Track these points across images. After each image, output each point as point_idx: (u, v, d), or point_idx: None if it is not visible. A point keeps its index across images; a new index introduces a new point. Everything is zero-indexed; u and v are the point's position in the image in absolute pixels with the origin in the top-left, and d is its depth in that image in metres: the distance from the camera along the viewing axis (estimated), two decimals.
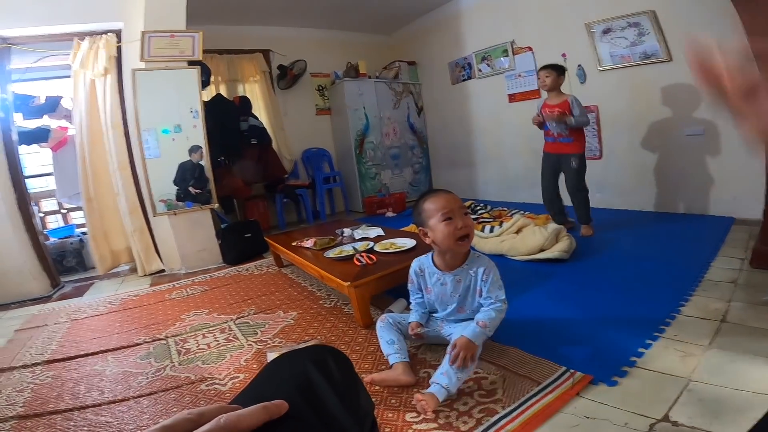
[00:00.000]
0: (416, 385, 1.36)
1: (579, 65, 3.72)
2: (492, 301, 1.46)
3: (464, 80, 5.11)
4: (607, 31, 3.41)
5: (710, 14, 2.81)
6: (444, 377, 1.27)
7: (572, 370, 1.32)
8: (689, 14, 2.93)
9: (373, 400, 1.28)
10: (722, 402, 1.09)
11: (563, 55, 3.81)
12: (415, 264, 1.64)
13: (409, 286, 1.67)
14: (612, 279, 2.07)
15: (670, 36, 3.07)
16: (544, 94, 3.14)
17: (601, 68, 3.56)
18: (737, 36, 2.27)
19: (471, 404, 1.23)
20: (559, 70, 2.97)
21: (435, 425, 1.16)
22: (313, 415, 0.50)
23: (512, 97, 4.46)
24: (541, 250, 2.51)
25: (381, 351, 1.53)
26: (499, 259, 2.60)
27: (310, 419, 0.49)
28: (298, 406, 0.46)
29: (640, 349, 1.41)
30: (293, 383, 0.56)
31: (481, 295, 1.49)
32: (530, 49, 4.18)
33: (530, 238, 2.56)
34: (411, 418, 1.20)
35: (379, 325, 1.59)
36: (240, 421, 0.37)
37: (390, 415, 1.23)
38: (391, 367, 1.43)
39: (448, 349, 1.35)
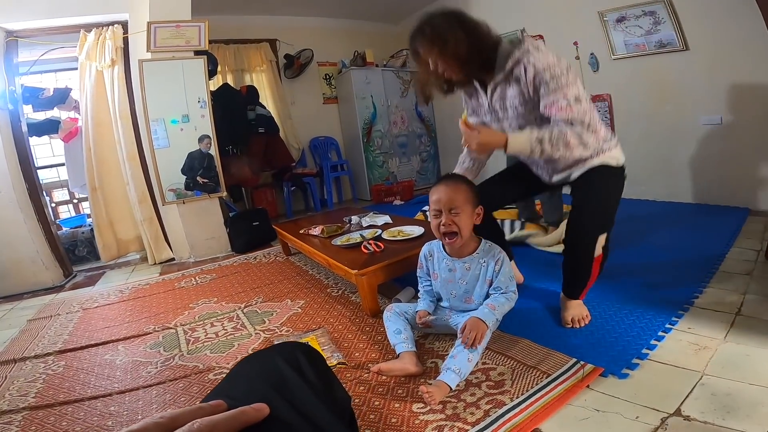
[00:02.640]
0: (423, 375, 1.36)
1: (591, 53, 3.64)
2: (502, 291, 1.47)
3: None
4: (621, 20, 3.32)
5: (728, 2, 2.73)
6: (454, 360, 1.28)
7: (582, 362, 1.30)
8: (706, 2, 2.84)
9: (380, 390, 1.29)
10: (736, 397, 1.07)
11: (575, 43, 3.73)
12: (425, 248, 1.65)
13: (418, 272, 1.68)
14: (624, 269, 2.03)
15: (687, 25, 2.98)
16: None
17: (614, 56, 3.48)
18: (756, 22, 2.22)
19: (479, 395, 1.22)
20: None
21: (442, 416, 1.15)
22: (291, 410, 0.49)
23: None
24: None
25: (387, 341, 1.52)
26: (518, 247, 2.54)
27: (289, 416, 0.48)
28: (276, 404, 0.45)
29: (653, 341, 1.39)
30: (267, 381, 0.55)
31: (490, 286, 1.50)
32: (541, 37, 4.09)
33: (557, 230, 2.51)
34: (418, 408, 1.19)
35: (386, 314, 1.59)
36: (216, 426, 0.35)
37: (396, 405, 1.22)
38: (398, 356, 1.43)
39: (458, 334, 1.35)
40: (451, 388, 1.23)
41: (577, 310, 1.58)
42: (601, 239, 1.49)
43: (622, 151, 1.60)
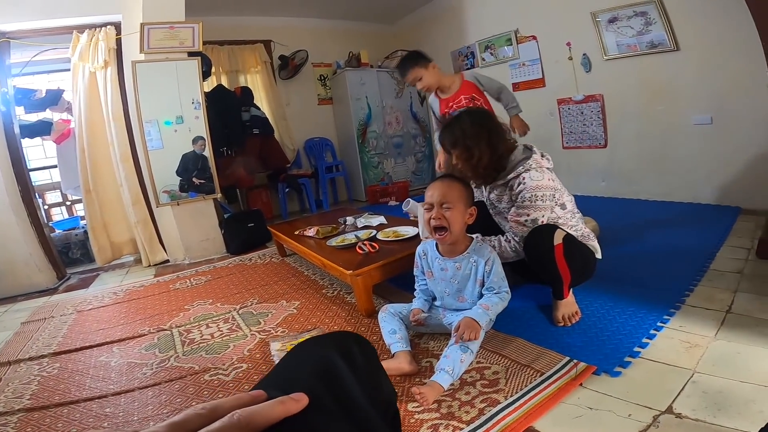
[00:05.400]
0: (418, 375, 1.37)
1: (584, 54, 3.66)
2: (495, 290, 1.47)
3: (467, 69, 5.04)
4: (613, 20, 3.35)
5: (718, 3, 2.75)
6: (447, 360, 1.29)
7: (575, 360, 1.31)
8: (697, 3, 2.87)
9: None
10: (727, 394, 1.09)
11: (568, 43, 3.76)
12: (420, 247, 1.67)
13: (415, 270, 1.70)
14: (616, 268, 2.05)
15: (678, 25, 3.01)
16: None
17: (606, 57, 3.50)
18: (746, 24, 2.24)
19: (473, 394, 1.23)
20: (422, 60, 2.40)
21: (437, 415, 1.16)
22: (334, 403, 0.48)
23: (516, 86, 4.40)
24: None
25: (382, 341, 1.53)
26: None
27: (331, 408, 0.47)
28: (319, 394, 0.45)
29: (645, 340, 1.40)
30: (315, 370, 0.55)
31: (482, 286, 1.51)
32: (534, 38, 4.11)
33: None
34: (413, 407, 1.20)
35: (380, 315, 1.60)
36: (255, 416, 0.36)
37: None
38: (393, 356, 1.43)
39: (452, 333, 1.36)
40: (444, 389, 1.24)
41: (566, 309, 1.61)
42: (559, 231, 1.55)
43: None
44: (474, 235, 1.64)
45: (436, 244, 1.59)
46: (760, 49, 2.03)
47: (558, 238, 1.52)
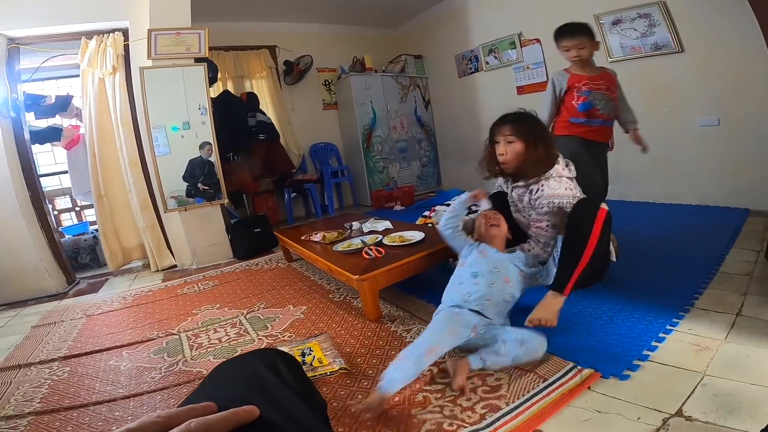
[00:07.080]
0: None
1: None
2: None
3: (471, 73, 5.06)
4: (616, 23, 3.35)
5: (722, 4, 2.75)
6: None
7: (579, 367, 1.30)
8: (700, 4, 2.87)
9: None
10: (737, 397, 1.08)
11: None
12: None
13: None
14: (624, 272, 2.03)
15: (682, 27, 3.01)
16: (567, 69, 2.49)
17: (610, 59, 3.50)
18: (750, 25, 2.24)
19: (474, 400, 1.23)
20: (592, 34, 2.33)
21: (439, 416, 1.16)
22: (276, 412, 0.50)
23: (521, 90, 4.42)
24: None
25: (389, 346, 1.53)
26: None
27: (276, 417, 0.49)
28: (261, 406, 0.46)
29: (654, 343, 1.40)
30: (249, 384, 0.56)
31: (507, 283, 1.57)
32: (538, 41, 4.12)
33: None
34: (415, 411, 1.20)
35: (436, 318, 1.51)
36: (210, 426, 0.36)
37: (393, 413, 1.22)
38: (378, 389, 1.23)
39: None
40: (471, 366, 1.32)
41: (548, 310, 1.53)
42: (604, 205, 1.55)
43: None
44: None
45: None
46: (765, 50, 2.03)
47: (605, 207, 1.54)
